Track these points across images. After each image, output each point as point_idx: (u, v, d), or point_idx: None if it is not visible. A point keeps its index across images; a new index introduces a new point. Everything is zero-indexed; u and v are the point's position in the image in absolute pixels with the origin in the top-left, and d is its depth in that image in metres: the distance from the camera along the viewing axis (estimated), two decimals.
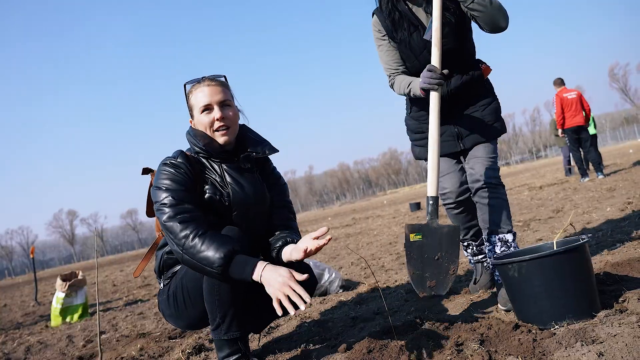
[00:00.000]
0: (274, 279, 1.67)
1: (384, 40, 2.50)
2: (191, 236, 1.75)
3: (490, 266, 2.58)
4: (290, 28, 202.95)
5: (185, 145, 2.12)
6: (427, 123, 2.31)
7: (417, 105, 2.58)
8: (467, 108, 2.49)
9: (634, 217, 3.86)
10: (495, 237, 2.34)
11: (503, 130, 2.55)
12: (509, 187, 12.87)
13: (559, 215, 5.19)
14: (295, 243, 1.96)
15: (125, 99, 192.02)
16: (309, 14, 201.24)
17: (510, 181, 16.70)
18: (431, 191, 2.21)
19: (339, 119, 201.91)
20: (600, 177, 8.97)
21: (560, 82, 9.41)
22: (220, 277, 1.75)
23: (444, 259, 2.09)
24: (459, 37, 2.37)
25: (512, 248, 2.32)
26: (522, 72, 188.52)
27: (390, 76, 2.54)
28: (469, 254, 2.72)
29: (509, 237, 2.33)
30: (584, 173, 9.39)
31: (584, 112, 9.08)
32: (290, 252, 1.92)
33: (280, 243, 2.00)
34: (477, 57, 2.55)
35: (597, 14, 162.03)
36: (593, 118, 10.28)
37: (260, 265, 1.72)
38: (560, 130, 9.54)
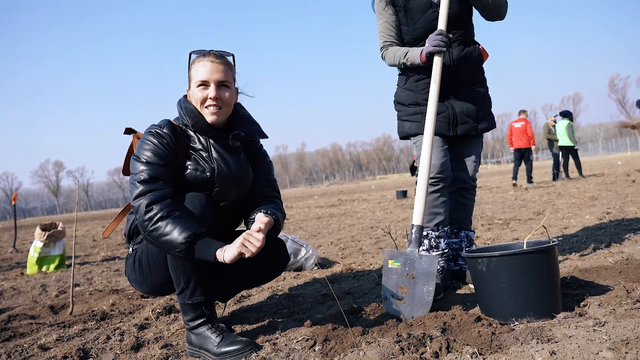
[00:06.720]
0: (233, 251, 1.70)
1: (385, 7, 2.47)
2: (155, 219, 1.74)
3: (444, 262, 2.57)
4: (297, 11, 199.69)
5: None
6: (424, 93, 2.35)
7: (415, 72, 2.51)
8: (465, 90, 2.48)
9: (610, 227, 3.94)
10: (463, 232, 2.56)
11: (492, 126, 2.59)
12: (496, 185, 12.99)
13: (539, 217, 5.27)
14: (268, 213, 1.94)
15: (125, 53, 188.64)
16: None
17: (499, 180, 16.84)
18: (416, 219, 2.17)
19: (336, 98, 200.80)
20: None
21: (518, 113, 12.59)
22: (183, 259, 1.80)
23: (419, 285, 2.09)
24: (460, 1, 2.40)
25: (473, 245, 2.61)
26: (521, 73, 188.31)
27: (383, 47, 2.52)
28: (424, 247, 2.55)
29: (472, 234, 2.59)
30: (530, 180, 12.06)
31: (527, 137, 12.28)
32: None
33: (254, 216, 1.98)
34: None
35: (605, 21, 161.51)
36: (574, 132, 12.81)
37: (221, 250, 1.74)
38: (512, 149, 12.58)
